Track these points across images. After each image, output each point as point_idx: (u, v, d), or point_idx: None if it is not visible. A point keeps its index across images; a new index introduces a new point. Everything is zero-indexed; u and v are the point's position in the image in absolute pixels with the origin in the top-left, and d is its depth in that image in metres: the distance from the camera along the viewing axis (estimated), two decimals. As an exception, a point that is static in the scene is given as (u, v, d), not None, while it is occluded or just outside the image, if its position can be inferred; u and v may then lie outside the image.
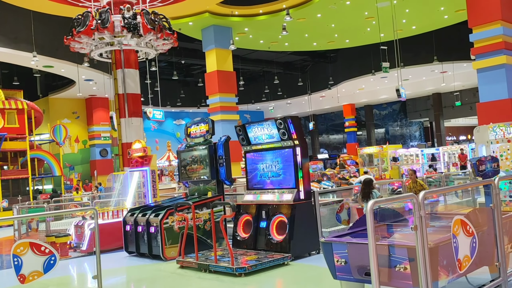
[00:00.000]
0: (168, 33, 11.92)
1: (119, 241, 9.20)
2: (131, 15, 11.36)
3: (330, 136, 43.36)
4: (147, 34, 11.61)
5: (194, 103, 33.31)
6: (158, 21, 11.71)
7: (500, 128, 11.23)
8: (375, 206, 3.51)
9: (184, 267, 7.36)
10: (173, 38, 12.15)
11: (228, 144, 8.81)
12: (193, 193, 9.31)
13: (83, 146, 28.75)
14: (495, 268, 4.76)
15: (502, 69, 12.87)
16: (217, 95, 20.56)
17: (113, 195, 11.17)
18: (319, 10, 19.72)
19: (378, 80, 28.60)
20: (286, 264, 6.99)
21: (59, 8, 16.58)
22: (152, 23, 11.51)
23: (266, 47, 24.89)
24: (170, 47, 12.81)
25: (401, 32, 21.68)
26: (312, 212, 7.74)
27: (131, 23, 11.22)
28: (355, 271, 4.38)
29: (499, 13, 12.77)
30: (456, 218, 4.15)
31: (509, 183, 10.76)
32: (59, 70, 22.17)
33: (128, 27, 11.24)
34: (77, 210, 10.39)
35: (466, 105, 32.17)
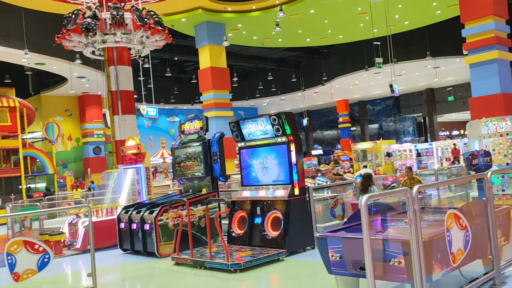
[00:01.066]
0: (159, 29, 11.85)
1: (113, 239, 9.17)
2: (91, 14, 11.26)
3: (324, 132, 43.45)
4: (137, 30, 11.55)
5: (187, 100, 33.24)
6: (147, 18, 11.63)
7: (492, 122, 11.30)
8: (369, 201, 3.52)
9: (179, 264, 7.36)
10: (164, 34, 12.08)
11: (222, 141, 8.80)
12: (187, 190, 9.30)
13: (76, 143, 28.62)
14: (489, 261, 4.80)
15: (494, 64, 12.95)
16: (211, 91, 20.53)
17: (107, 193, 11.13)
18: (312, 6, 19.71)
19: (372, 75, 28.66)
20: (281, 260, 7.00)
21: (51, 5, 16.47)
22: (141, 20, 11.44)
23: (259, 43, 24.85)
24: (164, 43, 12.76)
25: (394, 28, 21.73)
26: (306, 207, 7.77)
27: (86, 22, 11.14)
28: (350, 266, 4.40)
29: (491, 8, 12.83)
30: (450, 212, 4.17)
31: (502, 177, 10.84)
32: (51, 67, 22.02)
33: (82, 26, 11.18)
34: (71, 208, 10.35)
35: (459, 100, 32.34)
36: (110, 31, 11.42)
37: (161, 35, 12.02)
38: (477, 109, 13.12)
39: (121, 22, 11.25)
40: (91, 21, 11.09)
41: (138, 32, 11.59)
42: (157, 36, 12.01)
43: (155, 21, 11.90)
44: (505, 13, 13.49)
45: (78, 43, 11.92)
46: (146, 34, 11.73)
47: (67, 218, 10.46)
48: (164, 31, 12.04)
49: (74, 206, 10.96)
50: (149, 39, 12.12)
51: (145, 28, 11.50)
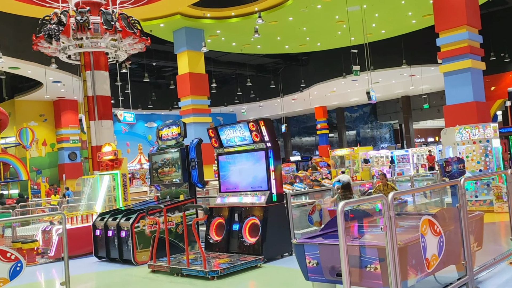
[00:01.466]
0: (128, 32, 11.68)
1: (88, 246, 9.02)
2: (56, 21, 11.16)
3: (303, 138, 43.70)
4: (104, 34, 11.40)
5: (166, 105, 33.02)
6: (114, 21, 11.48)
7: (466, 130, 11.57)
8: (345, 207, 3.55)
9: (155, 271, 7.27)
10: (136, 37, 11.92)
11: (200, 147, 8.76)
12: (165, 196, 9.22)
13: (51, 149, 28.06)
14: (462, 266, 4.89)
15: (468, 72, 13.24)
16: (189, 97, 20.44)
17: (82, 199, 10.95)
18: (291, 13, 19.87)
19: (349, 83, 29.01)
20: (258, 267, 6.99)
21: (26, 8, 16.17)
22: (107, 24, 11.29)
23: (238, 49, 24.90)
24: (142, 46, 12.61)
25: (370, 36, 22.07)
26: (284, 214, 7.79)
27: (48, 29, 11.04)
28: (326, 272, 4.42)
29: (464, 18, 13.14)
30: (424, 218, 4.24)
31: (475, 184, 11.09)
32: (26, 71, 21.60)
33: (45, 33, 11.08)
34: (45, 215, 10.13)
35: (434, 107, 32.98)
36: (76, 36, 11.26)
37: (133, 38, 11.86)
38: (451, 116, 13.39)
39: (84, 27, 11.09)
40: (54, 27, 10.97)
41: (105, 36, 11.44)
42: (130, 40, 11.85)
43: (127, 24, 11.73)
44: (478, 23, 13.84)
45: (54, 49, 11.76)
46: (113, 37, 11.56)
47: (41, 226, 10.24)
48: (135, 33, 11.86)
49: (48, 213, 10.73)
50: (122, 43, 11.96)
51: (111, 32, 11.35)
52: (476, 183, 11.06)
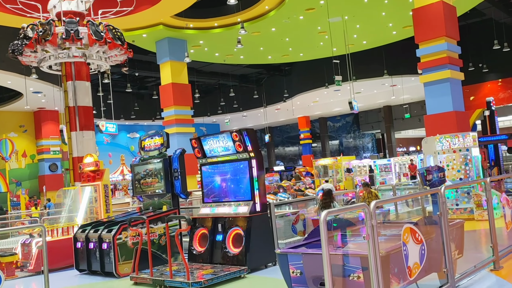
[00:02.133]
0: (116, 43, 11.67)
1: (69, 259, 8.85)
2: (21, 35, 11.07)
3: (286, 148, 43.81)
4: (93, 45, 11.37)
5: (148, 116, 32.82)
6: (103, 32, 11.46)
7: (446, 139, 11.75)
8: (328, 217, 3.57)
9: (138, 283, 7.18)
10: (123, 49, 11.92)
11: (183, 157, 8.72)
12: (147, 207, 9.13)
13: (31, 160, 27.62)
14: (444, 274, 4.94)
15: (447, 83, 13.49)
16: (172, 107, 20.37)
17: (63, 211, 10.77)
18: (273, 24, 20.03)
19: (332, 93, 29.26)
20: (242, 277, 6.96)
21: (5, 18, 15.99)
22: (97, 34, 11.26)
23: (221, 59, 24.96)
24: (125, 58, 12.57)
25: (352, 47, 22.35)
26: (268, 224, 7.77)
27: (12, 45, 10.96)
28: (310, 282, 4.42)
29: (443, 30, 13.41)
30: (406, 226, 4.28)
31: (456, 192, 11.24)
32: (5, 81, 21.29)
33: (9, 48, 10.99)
34: (24, 228, 9.94)
35: (415, 117, 33.42)
36: (64, 45, 11.18)
37: (120, 50, 11.85)
38: (431, 126, 13.59)
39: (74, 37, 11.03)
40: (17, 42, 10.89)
41: (94, 46, 11.40)
42: (116, 51, 11.83)
43: (114, 35, 11.74)
44: (456, 35, 14.14)
45: (34, 58, 11.62)
46: (102, 49, 11.54)
47: (20, 238, 10.03)
48: (122, 45, 11.86)
49: (27, 226, 10.53)
50: (107, 54, 11.93)
51: (101, 43, 11.32)
52: (457, 191, 11.21)
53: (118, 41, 11.75)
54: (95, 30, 11.30)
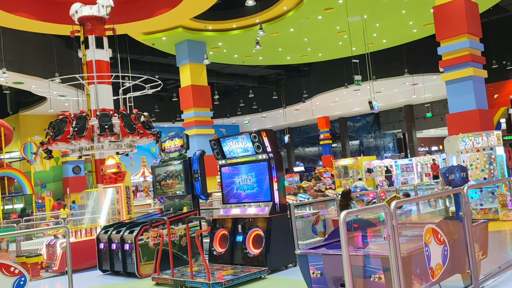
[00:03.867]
0: (148, 133, 11.63)
1: (92, 260, 9.00)
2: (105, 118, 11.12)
3: (306, 148, 43.65)
4: (125, 137, 11.37)
5: (168, 118, 33.11)
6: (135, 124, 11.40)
7: (469, 138, 11.54)
8: (348, 217, 3.55)
9: (159, 284, 7.25)
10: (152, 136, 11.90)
11: (203, 159, 8.78)
12: (168, 208, 9.21)
13: (55, 163, 28.15)
14: (467, 275, 4.85)
15: (470, 80, 13.23)
16: (192, 109, 20.51)
17: (86, 213, 10.95)
18: (292, 25, 19.99)
19: (351, 93, 29.04)
20: (263, 278, 6.96)
21: (29, 24, 16.37)
22: (130, 128, 11.26)
23: (240, 61, 25.03)
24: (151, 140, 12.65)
25: (372, 46, 22.14)
26: (288, 225, 7.76)
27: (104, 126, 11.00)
28: (330, 283, 4.40)
29: (465, 27, 13.18)
30: (428, 226, 4.22)
31: (480, 192, 11.03)
32: (30, 86, 21.74)
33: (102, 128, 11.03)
34: (49, 229, 10.13)
35: (437, 116, 32.92)
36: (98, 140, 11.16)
37: (149, 137, 11.89)
38: (454, 125, 13.36)
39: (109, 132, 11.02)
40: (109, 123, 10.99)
41: (126, 138, 11.42)
42: (145, 139, 11.90)
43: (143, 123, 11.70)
44: (479, 32, 13.87)
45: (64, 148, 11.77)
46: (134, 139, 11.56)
47: (45, 240, 10.24)
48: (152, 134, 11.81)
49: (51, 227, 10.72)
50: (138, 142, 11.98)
51: (134, 135, 11.35)
52: (481, 191, 11.00)
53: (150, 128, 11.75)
54: (128, 123, 11.27)
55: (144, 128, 11.56)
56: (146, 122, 11.79)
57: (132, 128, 11.24)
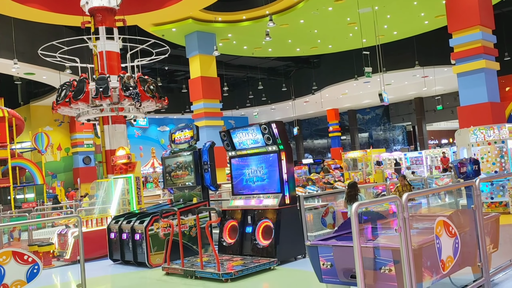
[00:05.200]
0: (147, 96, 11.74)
1: (103, 249, 9.10)
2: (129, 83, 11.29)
3: (315, 141, 43.55)
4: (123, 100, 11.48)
5: (178, 109, 33.19)
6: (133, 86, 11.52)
7: (480, 131, 11.45)
8: (359, 209, 3.55)
9: (169, 274, 7.32)
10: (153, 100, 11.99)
11: (212, 150, 8.80)
12: (178, 199, 9.27)
13: (66, 154, 28.39)
14: (478, 268, 4.84)
15: (482, 73, 13.11)
16: (201, 101, 20.53)
17: (97, 203, 11.05)
18: (302, 16, 19.87)
19: (361, 85, 28.88)
20: (272, 269, 6.99)
21: (40, 15, 16.43)
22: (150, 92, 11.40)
23: (249, 53, 24.95)
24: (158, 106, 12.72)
25: (382, 38, 21.96)
26: (297, 216, 7.78)
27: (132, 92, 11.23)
28: (340, 274, 4.41)
29: (477, 18, 13.03)
30: (439, 219, 4.21)
31: (490, 185, 10.96)
32: (41, 77, 21.92)
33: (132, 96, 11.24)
34: (60, 218, 10.25)
35: (448, 109, 32.65)
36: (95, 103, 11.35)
37: (151, 102, 11.93)
38: (465, 118, 13.27)
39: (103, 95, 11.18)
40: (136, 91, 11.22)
41: (124, 102, 11.51)
42: (147, 103, 11.95)
43: (147, 87, 11.77)
44: (492, 23, 13.71)
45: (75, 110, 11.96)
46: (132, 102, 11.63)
47: (57, 229, 10.36)
48: (153, 97, 11.88)
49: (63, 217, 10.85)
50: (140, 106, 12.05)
51: (130, 98, 11.43)
52: (492, 185, 10.93)
53: (150, 93, 11.80)
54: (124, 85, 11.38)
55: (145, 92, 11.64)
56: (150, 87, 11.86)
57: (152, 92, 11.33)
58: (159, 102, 12.18)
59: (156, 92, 12.00)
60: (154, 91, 12.03)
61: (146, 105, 12.00)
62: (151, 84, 11.98)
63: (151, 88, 11.91)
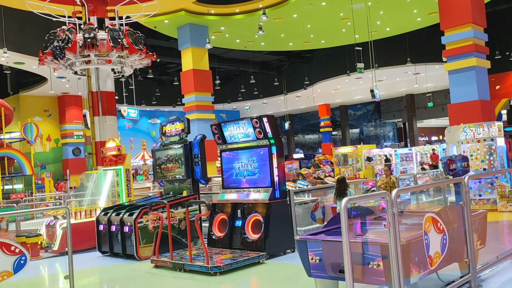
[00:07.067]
0: (135, 48, 11.68)
1: (92, 241, 9.07)
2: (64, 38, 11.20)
3: (306, 136, 43.64)
4: (111, 51, 11.39)
5: (169, 101, 33.03)
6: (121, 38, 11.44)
7: (470, 128, 11.54)
8: (349, 204, 3.55)
9: (158, 266, 7.30)
10: (143, 53, 11.91)
11: (203, 143, 8.78)
12: (168, 192, 9.24)
13: (55, 144, 28.16)
14: (465, 264, 4.89)
15: (473, 71, 13.19)
16: (193, 94, 20.44)
17: (86, 195, 10.98)
18: (295, 11, 19.82)
19: (353, 80, 28.93)
20: (261, 263, 7.01)
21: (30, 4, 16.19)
22: (114, 41, 11.28)
23: (242, 46, 24.87)
24: (148, 61, 12.60)
25: (375, 34, 21.98)
26: (287, 211, 7.80)
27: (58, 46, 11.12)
28: (329, 269, 4.43)
29: (470, 16, 13.08)
30: (428, 215, 4.24)
31: (479, 182, 11.06)
32: (31, 67, 21.65)
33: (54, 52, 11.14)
34: (49, 209, 10.18)
35: (438, 106, 32.84)
36: (83, 53, 11.27)
37: (140, 55, 11.85)
38: (455, 115, 13.35)
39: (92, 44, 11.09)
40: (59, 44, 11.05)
41: (112, 53, 11.42)
42: (136, 56, 11.85)
43: (134, 40, 11.70)
44: (483, 22, 13.77)
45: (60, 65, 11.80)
46: (120, 54, 11.55)
47: (45, 220, 10.29)
48: (141, 50, 11.84)
49: (52, 208, 10.77)
50: (128, 59, 11.94)
51: (118, 49, 11.34)
52: (480, 182, 11.03)
53: (138, 45, 11.72)
54: (113, 36, 11.31)
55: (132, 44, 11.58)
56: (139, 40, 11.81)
57: (116, 42, 11.27)
58: (147, 57, 12.11)
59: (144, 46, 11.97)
60: (144, 43, 11.99)
61: (134, 58, 11.95)
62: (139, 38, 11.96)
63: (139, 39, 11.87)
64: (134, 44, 11.63)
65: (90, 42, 10.99)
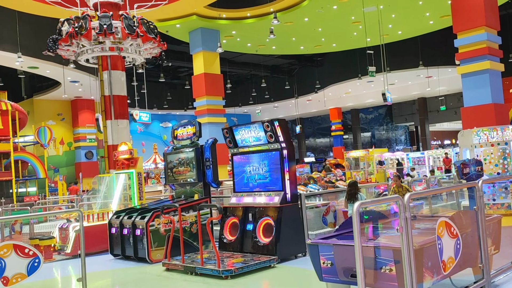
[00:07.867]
0: (149, 37, 11.84)
1: (104, 244, 9.11)
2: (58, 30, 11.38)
3: (317, 139, 43.53)
4: (126, 39, 11.56)
5: (181, 105, 33.20)
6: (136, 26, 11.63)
7: (484, 132, 11.41)
8: (361, 208, 3.53)
9: (170, 269, 7.32)
10: (156, 42, 12.09)
11: (215, 147, 8.79)
12: (179, 195, 9.27)
13: (68, 148, 28.44)
14: (479, 269, 4.83)
15: (486, 74, 13.07)
16: (204, 97, 20.52)
17: (98, 198, 11.06)
18: (307, 14, 19.82)
19: (365, 84, 28.82)
20: (272, 267, 6.99)
21: (45, 8, 16.41)
22: (130, 28, 11.46)
23: (253, 50, 24.92)
24: (158, 51, 12.75)
25: (387, 37, 21.89)
26: (298, 215, 7.77)
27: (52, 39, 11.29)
28: (341, 273, 4.40)
29: (483, 19, 12.97)
30: (441, 220, 4.20)
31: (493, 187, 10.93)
32: (44, 71, 21.92)
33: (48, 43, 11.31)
34: (62, 212, 10.27)
35: (451, 109, 32.56)
36: (98, 40, 11.44)
37: (153, 43, 12.02)
38: (468, 118, 13.23)
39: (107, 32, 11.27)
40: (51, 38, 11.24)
41: (127, 40, 11.59)
42: (149, 44, 12.01)
43: (147, 28, 11.90)
44: (497, 24, 13.65)
45: (72, 52, 11.96)
46: (136, 42, 11.72)
47: (58, 223, 10.38)
48: (155, 38, 12.02)
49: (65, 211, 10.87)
50: (140, 47, 12.11)
51: (133, 36, 11.50)
52: (494, 186, 10.90)
53: (152, 34, 11.92)
54: (128, 24, 11.50)
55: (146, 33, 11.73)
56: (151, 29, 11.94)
57: (132, 29, 11.42)
58: (159, 45, 12.27)
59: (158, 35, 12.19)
60: (156, 32, 12.18)
61: (148, 46, 12.12)
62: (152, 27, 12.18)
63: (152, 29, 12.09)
64: (148, 32, 11.82)
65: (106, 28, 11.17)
